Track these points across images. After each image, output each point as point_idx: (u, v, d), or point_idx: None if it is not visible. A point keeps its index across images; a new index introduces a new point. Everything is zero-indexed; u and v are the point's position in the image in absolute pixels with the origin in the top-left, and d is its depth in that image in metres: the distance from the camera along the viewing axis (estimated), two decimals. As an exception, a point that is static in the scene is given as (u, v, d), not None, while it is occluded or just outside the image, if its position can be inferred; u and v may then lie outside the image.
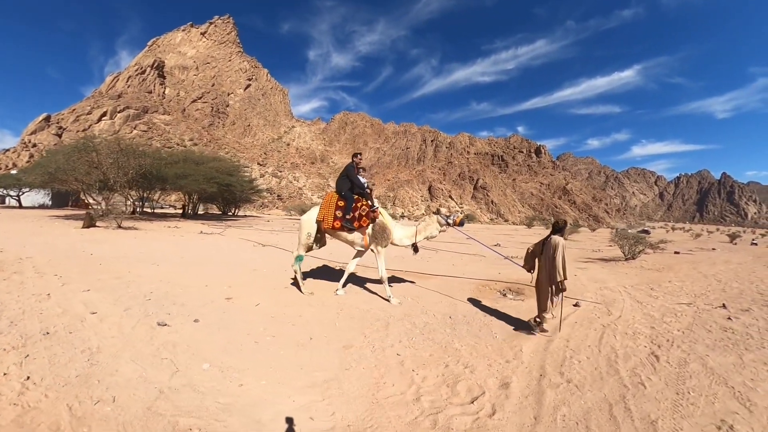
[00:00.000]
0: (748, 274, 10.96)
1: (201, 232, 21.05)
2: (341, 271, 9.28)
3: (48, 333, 4.37)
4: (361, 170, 7.83)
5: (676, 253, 19.34)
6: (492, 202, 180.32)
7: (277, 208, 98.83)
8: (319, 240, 8.16)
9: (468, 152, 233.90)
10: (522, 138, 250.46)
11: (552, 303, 5.53)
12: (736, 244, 32.06)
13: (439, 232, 7.68)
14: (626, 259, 15.50)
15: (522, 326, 5.92)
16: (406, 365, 4.33)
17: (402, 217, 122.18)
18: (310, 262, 10.91)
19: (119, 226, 20.30)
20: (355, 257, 8.02)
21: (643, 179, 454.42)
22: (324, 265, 10.81)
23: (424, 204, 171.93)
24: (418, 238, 7.65)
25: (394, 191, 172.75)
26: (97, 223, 20.60)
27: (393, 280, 9.07)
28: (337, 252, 12.95)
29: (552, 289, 5.50)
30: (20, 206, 38.00)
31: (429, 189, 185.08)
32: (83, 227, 19.45)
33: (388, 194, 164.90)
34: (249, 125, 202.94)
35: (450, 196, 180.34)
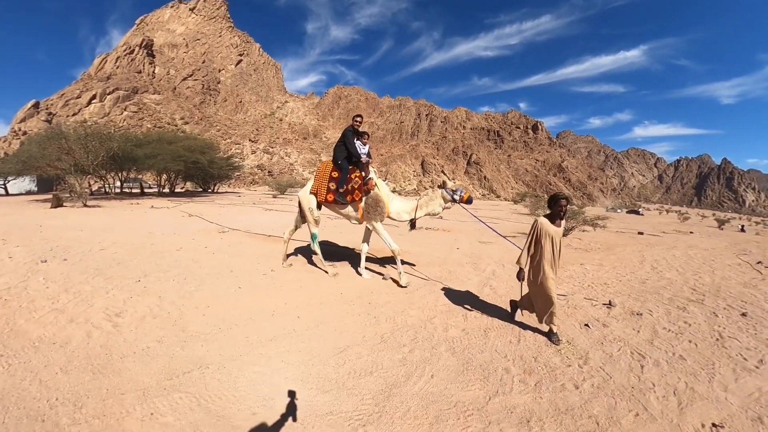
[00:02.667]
0: (701, 263, 9.50)
1: (152, 206, 22.99)
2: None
3: None
4: (364, 135, 7.25)
5: (639, 233, 18.68)
6: (485, 177, 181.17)
7: (266, 185, 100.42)
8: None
9: (464, 127, 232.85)
10: (520, 114, 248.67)
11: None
12: (722, 229, 31.84)
13: (443, 209, 6.88)
14: None
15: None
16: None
17: (394, 192, 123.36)
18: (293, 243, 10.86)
19: (84, 205, 22.23)
20: (365, 236, 7.55)
21: (643, 160, 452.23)
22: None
23: (416, 179, 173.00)
24: (418, 214, 6.92)
25: (386, 166, 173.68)
26: (65, 204, 22.50)
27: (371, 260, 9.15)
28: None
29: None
30: (7, 194, 39.71)
31: (422, 164, 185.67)
32: (51, 207, 21.32)
33: (380, 169, 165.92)
34: (241, 101, 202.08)
35: (443, 171, 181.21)
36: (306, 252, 9.61)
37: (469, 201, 6.82)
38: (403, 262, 7.75)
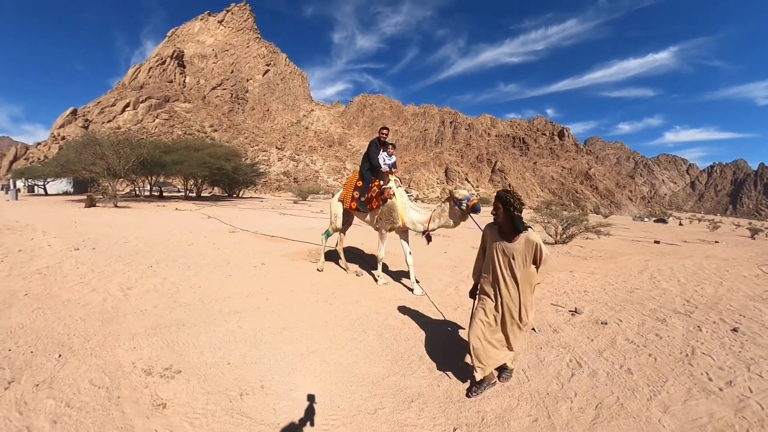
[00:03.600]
0: (711, 274, 8.51)
1: (176, 209, 24.65)
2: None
3: (21, 251, 7.77)
4: (389, 146, 7.25)
5: (656, 242, 17.78)
6: (510, 185, 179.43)
7: (290, 191, 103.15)
8: (347, 221, 8.38)
9: (488, 134, 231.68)
10: (546, 120, 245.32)
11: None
12: (755, 239, 29.68)
13: (456, 221, 6.32)
14: (556, 243, 14.15)
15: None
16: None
17: (417, 200, 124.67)
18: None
19: (115, 206, 24.10)
20: (403, 244, 7.39)
21: (674, 167, 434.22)
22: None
23: (439, 187, 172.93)
24: (431, 226, 6.57)
25: (410, 173, 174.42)
26: (97, 204, 24.47)
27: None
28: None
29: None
30: (46, 194, 42.92)
31: (445, 171, 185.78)
32: (85, 207, 23.26)
33: (404, 176, 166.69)
34: (268, 110, 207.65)
35: (466, 179, 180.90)
36: (311, 252, 10.63)
37: (475, 209, 5.91)
38: (384, 266, 8.51)
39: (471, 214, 6.04)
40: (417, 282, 7.09)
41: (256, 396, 3.42)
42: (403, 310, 5.91)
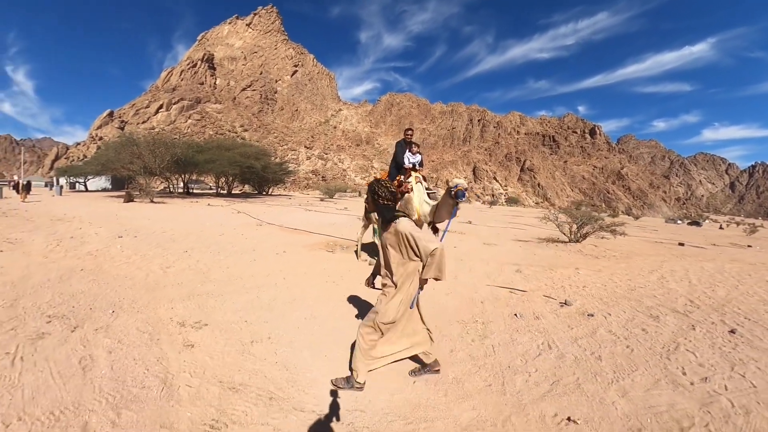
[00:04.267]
0: (729, 277, 8.10)
1: (208, 204, 26.01)
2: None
3: (72, 237, 9.00)
4: (413, 146, 7.54)
5: (680, 244, 17.16)
6: (539, 185, 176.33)
7: (318, 189, 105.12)
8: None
9: (518, 132, 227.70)
10: (577, 117, 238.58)
11: None
12: None
13: (448, 209, 6.07)
14: (569, 241, 14.01)
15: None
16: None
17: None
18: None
19: (151, 201, 25.71)
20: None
21: (713, 166, 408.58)
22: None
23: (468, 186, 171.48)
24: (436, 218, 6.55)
25: (437, 172, 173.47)
26: (135, 199, 26.15)
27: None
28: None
29: None
30: (86, 190, 45.77)
31: (473, 170, 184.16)
32: (124, 202, 24.92)
33: (431, 175, 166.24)
34: (297, 110, 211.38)
35: (495, 178, 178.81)
36: (329, 243, 11.39)
37: (458, 195, 5.68)
38: None
39: (458, 201, 5.79)
40: None
41: (263, 344, 4.25)
42: None
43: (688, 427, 2.92)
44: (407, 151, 7.57)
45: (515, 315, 5.44)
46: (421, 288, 3.55)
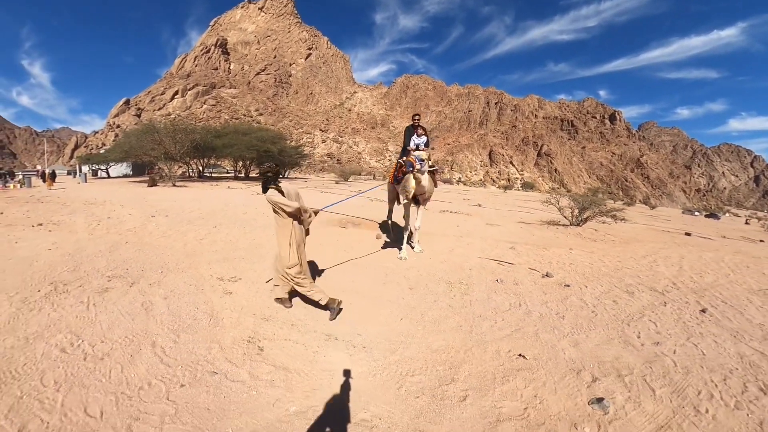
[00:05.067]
0: (725, 266, 8.23)
1: (228, 187, 27.18)
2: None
3: (110, 218, 10.16)
4: (419, 129, 8.03)
5: (686, 234, 17.09)
6: (555, 170, 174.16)
7: (333, 172, 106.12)
8: (394, 196, 9.42)
9: (535, 116, 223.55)
10: (597, 102, 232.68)
11: None
12: None
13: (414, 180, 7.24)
14: (570, 225, 14.52)
15: None
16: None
17: (459, 182, 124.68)
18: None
19: (174, 185, 27.00)
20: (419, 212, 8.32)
21: (737, 158, 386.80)
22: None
23: (483, 170, 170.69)
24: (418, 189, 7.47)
25: (452, 155, 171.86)
26: (158, 184, 27.48)
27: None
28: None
29: None
30: (108, 176, 47.64)
31: (489, 154, 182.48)
32: (148, 186, 26.24)
33: (446, 159, 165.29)
34: (311, 93, 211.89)
35: (511, 162, 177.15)
36: (341, 221, 12.35)
37: (408, 165, 7.00)
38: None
39: (406, 171, 6.99)
40: (418, 242, 8.45)
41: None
42: (397, 260, 7.46)
43: (626, 375, 3.41)
44: (414, 134, 8.17)
45: (497, 280, 6.23)
46: (307, 233, 4.80)
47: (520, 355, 3.74)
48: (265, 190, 4.37)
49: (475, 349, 3.93)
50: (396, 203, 9.32)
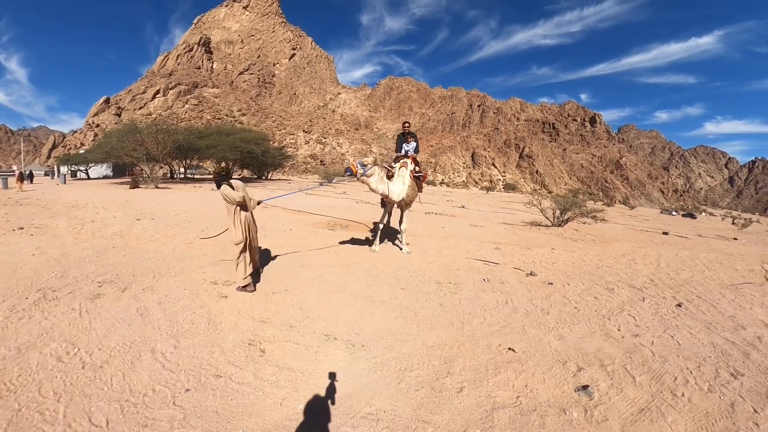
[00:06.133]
0: (700, 263, 8.55)
1: (212, 189, 26.90)
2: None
3: (93, 221, 9.93)
4: (408, 136, 8.44)
5: (664, 233, 17.68)
6: (537, 172, 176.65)
7: (317, 173, 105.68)
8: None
9: (518, 119, 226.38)
10: (578, 105, 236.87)
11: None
12: None
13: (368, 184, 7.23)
14: (552, 225, 14.95)
15: None
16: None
17: (442, 183, 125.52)
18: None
19: (156, 187, 26.57)
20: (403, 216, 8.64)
21: (713, 160, 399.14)
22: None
23: (465, 171, 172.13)
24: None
25: (435, 157, 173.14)
26: (141, 185, 27.00)
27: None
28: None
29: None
30: (88, 178, 46.53)
31: (472, 156, 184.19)
32: (130, 188, 25.77)
33: (429, 160, 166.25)
34: (295, 93, 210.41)
35: (493, 164, 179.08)
36: (329, 223, 12.38)
37: (346, 171, 6.89)
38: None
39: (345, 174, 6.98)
40: (407, 244, 8.74)
41: (282, 294, 5.36)
42: (387, 259, 7.71)
43: (608, 364, 3.66)
44: (405, 141, 8.55)
45: (484, 280, 6.47)
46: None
47: (509, 348, 3.96)
48: (219, 186, 5.48)
49: (468, 344, 4.12)
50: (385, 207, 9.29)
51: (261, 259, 6.45)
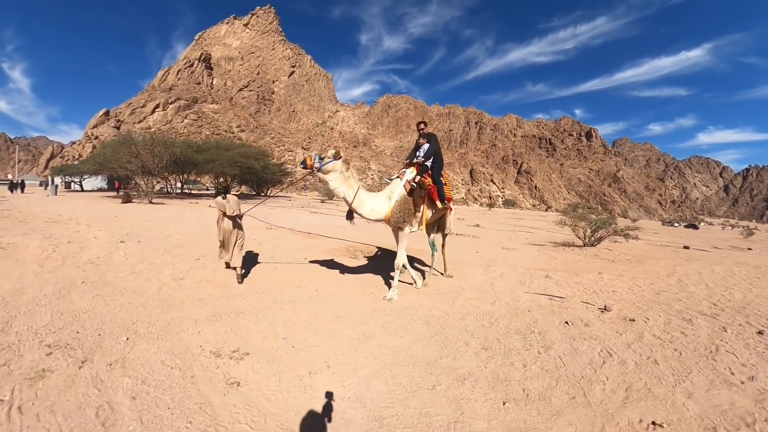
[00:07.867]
0: (740, 280, 8.63)
1: (210, 206, 25.24)
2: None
3: (70, 242, 8.24)
4: (419, 138, 7.13)
5: (685, 247, 17.32)
6: (535, 187, 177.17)
7: (317, 190, 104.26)
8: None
9: (514, 135, 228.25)
10: (573, 120, 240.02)
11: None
12: None
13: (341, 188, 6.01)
14: (584, 245, 14.18)
15: None
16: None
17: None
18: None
19: (150, 202, 24.88)
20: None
21: (707, 169, 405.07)
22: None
23: (464, 188, 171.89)
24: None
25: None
26: (133, 200, 25.31)
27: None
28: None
29: None
30: (82, 190, 44.85)
31: (470, 172, 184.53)
32: (122, 203, 24.08)
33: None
34: (294, 111, 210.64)
35: (492, 180, 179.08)
36: (349, 249, 10.71)
37: (301, 164, 5.82)
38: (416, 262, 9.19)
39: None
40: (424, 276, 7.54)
41: (324, 374, 3.58)
42: (442, 302, 6.14)
43: (752, 423, 3.14)
44: (416, 149, 7.15)
45: (566, 323, 5.41)
46: (240, 217, 6.81)
47: (653, 423, 3.16)
48: (216, 196, 6.56)
49: (608, 427, 3.09)
50: (421, 229, 7.04)
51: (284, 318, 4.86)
